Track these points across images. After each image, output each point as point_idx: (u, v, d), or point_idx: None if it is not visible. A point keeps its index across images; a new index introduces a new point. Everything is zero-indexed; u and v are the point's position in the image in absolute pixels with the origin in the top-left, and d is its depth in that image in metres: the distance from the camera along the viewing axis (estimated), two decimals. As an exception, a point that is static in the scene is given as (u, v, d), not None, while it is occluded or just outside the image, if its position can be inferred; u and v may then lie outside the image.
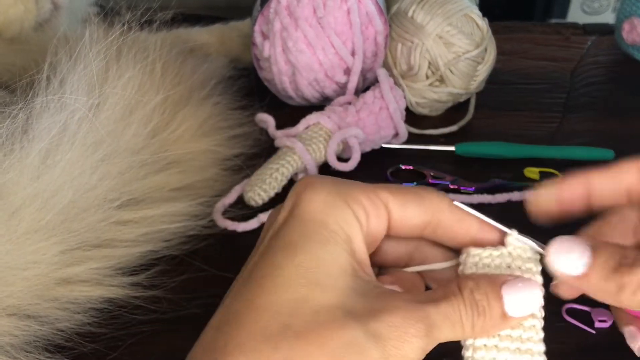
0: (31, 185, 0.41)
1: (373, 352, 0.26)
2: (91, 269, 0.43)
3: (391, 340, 0.26)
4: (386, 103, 0.55)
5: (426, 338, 0.27)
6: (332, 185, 0.30)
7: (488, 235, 0.31)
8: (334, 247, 0.28)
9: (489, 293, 0.28)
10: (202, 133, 0.54)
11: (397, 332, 0.26)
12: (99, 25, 0.51)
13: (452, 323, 0.28)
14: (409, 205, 0.30)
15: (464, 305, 0.28)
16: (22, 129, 0.43)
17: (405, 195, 0.31)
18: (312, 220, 0.28)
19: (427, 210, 0.31)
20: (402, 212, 0.30)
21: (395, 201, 0.30)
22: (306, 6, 0.57)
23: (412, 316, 0.27)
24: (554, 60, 0.71)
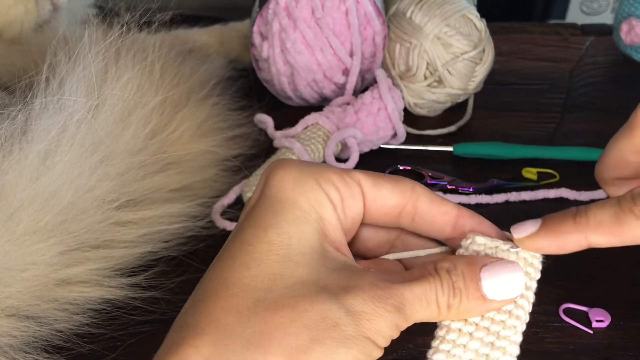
0: (30, 187, 0.41)
1: (347, 326, 0.26)
2: (90, 270, 0.43)
3: (365, 314, 0.26)
4: (384, 103, 0.55)
5: (398, 314, 0.27)
6: (303, 166, 0.29)
7: (467, 222, 0.31)
8: (305, 225, 0.28)
9: (466, 274, 0.28)
10: (201, 134, 0.54)
11: (370, 308, 0.26)
12: (98, 27, 0.51)
13: (427, 302, 0.28)
14: (383, 185, 0.30)
15: (440, 285, 0.28)
16: (21, 130, 0.43)
17: (379, 177, 0.30)
18: (283, 199, 0.28)
19: (402, 193, 0.30)
20: (376, 192, 0.30)
21: (368, 181, 0.30)
22: (304, 7, 0.57)
23: (384, 293, 0.27)
24: (553, 61, 0.71)
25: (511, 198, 0.53)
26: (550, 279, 0.46)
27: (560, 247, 0.30)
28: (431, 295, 0.28)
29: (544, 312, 0.44)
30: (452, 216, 0.31)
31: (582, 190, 0.53)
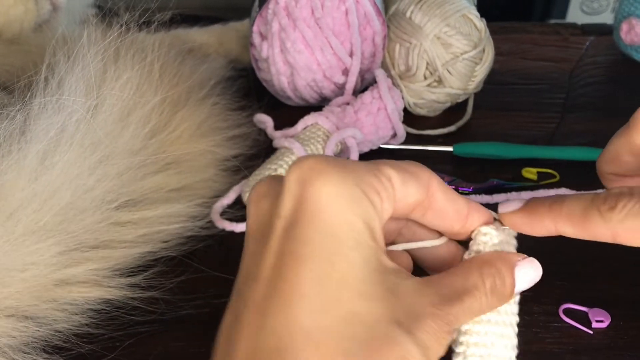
0: (29, 187, 0.41)
1: (408, 344, 0.26)
2: (89, 270, 0.43)
3: (434, 347, 0.27)
4: (384, 103, 0.55)
5: (448, 330, 0.27)
6: (342, 172, 0.26)
7: (476, 221, 0.32)
8: (366, 250, 0.26)
9: (506, 277, 0.30)
10: (201, 134, 0.54)
11: (436, 338, 0.27)
12: (97, 26, 0.51)
13: (473, 314, 0.29)
14: (409, 183, 0.29)
15: (486, 294, 0.29)
16: (20, 130, 0.43)
17: (405, 172, 0.29)
18: (338, 221, 0.26)
19: (423, 189, 0.30)
20: (404, 190, 0.29)
21: (398, 178, 0.28)
22: (304, 7, 0.57)
23: (445, 317, 0.27)
24: (553, 61, 0.71)
25: (511, 198, 0.52)
26: (550, 279, 0.46)
27: (532, 229, 0.31)
28: (479, 307, 0.29)
29: (544, 313, 0.44)
30: (464, 215, 0.31)
31: (582, 190, 0.53)
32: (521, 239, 0.32)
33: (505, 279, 0.30)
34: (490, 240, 0.31)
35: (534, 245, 0.48)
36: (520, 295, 0.32)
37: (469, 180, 0.54)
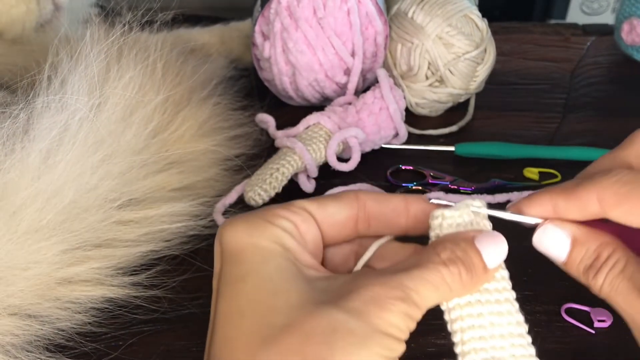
0: (32, 185, 0.41)
1: (360, 327, 0.26)
2: (92, 268, 0.43)
3: (371, 312, 0.26)
4: (386, 103, 0.55)
5: (405, 304, 0.27)
6: (247, 215, 0.30)
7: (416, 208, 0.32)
8: (276, 259, 0.28)
9: (468, 249, 0.29)
10: (203, 133, 0.54)
11: (375, 303, 0.26)
12: (99, 26, 0.51)
13: (436, 286, 0.28)
14: (327, 204, 0.31)
15: (446, 266, 0.28)
16: (23, 129, 0.43)
17: (322, 198, 0.32)
18: (243, 248, 0.29)
19: (349, 205, 0.32)
20: (323, 211, 0.31)
21: (312, 204, 0.31)
22: (306, 7, 0.57)
23: (385, 285, 0.27)
24: (554, 61, 0.71)
25: (513, 198, 0.53)
26: (552, 279, 0.46)
27: (529, 207, 0.32)
28: (439, 278, 0.28)
29: (546, 312, 0.44)
30: (401, 208, 0.32)
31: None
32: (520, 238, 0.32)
33: (467, 250, 0.29)
34: (444, 222, 0.31)
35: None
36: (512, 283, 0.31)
37: (470, 180, 0.54)
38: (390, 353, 0.26)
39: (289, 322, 0.26)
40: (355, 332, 0.26)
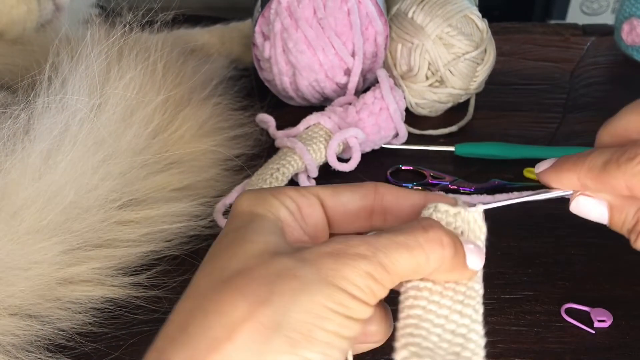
0: (33, 186, 0.41)
1: (307, 274, 0.26)
2: (92, 269, 0.43)
3: (325, 262, 0.26)
4: (386, 104, 0.55)
5: (367, 262, 0.26)
6: (260, 189, 0.31)
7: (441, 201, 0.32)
8: (263, 221, 0.29)
9: (456, 240, 0.29)
10: (203, 133, 0.54)
11: (331, 256, 0.26)
12: (100, 26, 0.51)
13: (410, 250, 0.27)
14: (342, 192, 0.31)
15: (429, 239, 0.28)
16: (24, 129, 0.43)
17: (339, 186, 0.32)
18: (243, 212, 0.30)
19: (364, 196, 0.31)
20: (335, 199, 0.31)
21: (326, 191, 0.31)
22: (307, 7, 0.57)
23: (348, 243, 0.27)
24: (554, 61, 0.71)
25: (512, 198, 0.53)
26: (552, 278, 0.46)
27: (559, 183, 0.32)
28: (415, 243, 0.27)
29: (546, 312, 0.44)
30: (420, 206, 0.32)
31: (584, 190, 0.53)
32: (520, 239, 0.32)
33: (454, 239, 0.29)
34: (435, 214, 0.30)
35: (535, 245, 0.48)
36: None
37: (470, 180, 0.54)
38: (341, 309, 0.26)
39: (243, 267, 0.27)
40: (300, 278, 0.26)
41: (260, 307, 0.25)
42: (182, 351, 0.25)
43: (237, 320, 0.25)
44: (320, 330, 0.25)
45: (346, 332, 0.26)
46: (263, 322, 0.25)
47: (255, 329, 0.25)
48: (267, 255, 0.27)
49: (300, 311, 0.25)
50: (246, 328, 0.25)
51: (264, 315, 0.25)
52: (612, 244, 0.49)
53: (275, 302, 0.25)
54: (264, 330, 0.25)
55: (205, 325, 0.25)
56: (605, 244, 0.48)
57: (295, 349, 0.25)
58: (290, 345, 0.25)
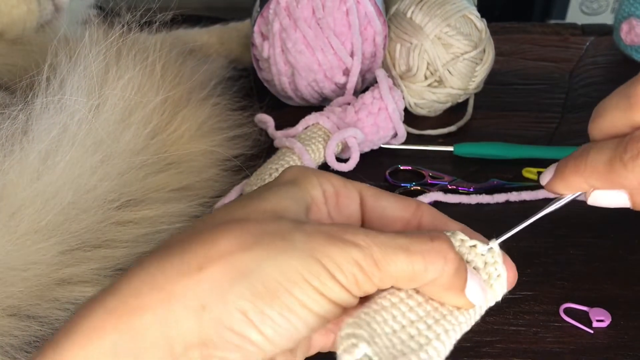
0: (31, 186, 0.41)
1: (296, 241, 0.26)
2: (91, 269, 0.43)
3: (315, 238, 0.26)
4: (385, 104, 0.55)
5: (357, 250, 0.26)
6: (309, 167, 0.32)
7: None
8: (290, 189, 0.29)
9: (461, 261, 0.28)
10: (202, 134, 0.54)
11: (325, 234, 0.26)
12: (98, 27, 0.51)
13: (409, 256, 0.27)
14: (383, 197, 0.31)
15: (432, 249, 0.27)
16: (22, 130, 0.43)
17: (382, 191, 0.32)
18: (281, 179, 0.31)
19: (404, 208, 0.31)
20: (375, 201, 0.31)
21: (369, 190, 0.31)
22: (305, 7, 0.57)
23: (347, 230, 0.27)
24: (553, 61, 0.71)
25: (511, 198, 0.53)
26: (551, 278, 0.46)
27: (567, 189, 0.31)
28: (415, 248, 0.27)
29: (545, 312, 0.44)
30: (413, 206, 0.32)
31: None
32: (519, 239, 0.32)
33: (460, 264, 0.28)
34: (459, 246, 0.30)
35: (535, 244, 0.48)
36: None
37: (469, 180, 0.54)
38: (315, 282, 0.26)
39: (244, 216, 0.27)
40: (288, 241, 0.26)
41: (240, 251, 0.26)
42: (158, 267, 0.26)
43: (214, 256, 0.26)
44: (285, 292, 0.25)
45: (314, 306, 0.26)
46: (236, 265, 0.25)
47: (226, 269, 0.25)
48: (272, 214, 0.27)
49: (274, 268, 0.25)
50: (219, 264, 0.25)
51: (240, 259, 0.26)
52: (610, 244, 0.49)
53: (255, 252, 0.26)
54: (233, 273, 0.25)
55: (185, 250, 0.26)
56: (604, 244, 0.48)
57: (255, 299, 0.25)
58: (252, 294, 0.25)
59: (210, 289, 0.25)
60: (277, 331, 0.26)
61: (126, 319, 0.25)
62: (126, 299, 0.26)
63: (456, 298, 0.29)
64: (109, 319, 0.25)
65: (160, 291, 0.25)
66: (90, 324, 0.25)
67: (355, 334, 0.25)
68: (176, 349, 0.25)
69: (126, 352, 0.25)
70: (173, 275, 0.26)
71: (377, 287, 0.27)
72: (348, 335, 0.25)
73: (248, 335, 0.25)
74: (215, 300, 0.25)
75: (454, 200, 0.53)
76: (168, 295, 0.25)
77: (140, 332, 0.25)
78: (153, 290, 0.26)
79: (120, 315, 0.25)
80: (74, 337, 0.25)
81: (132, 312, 0.25)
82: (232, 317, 0.25)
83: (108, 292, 0.26)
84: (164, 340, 0.25)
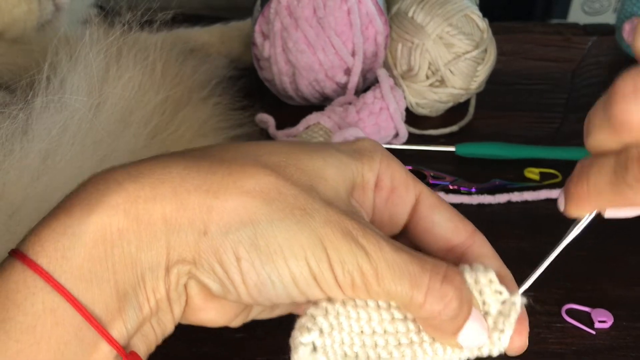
0: (31, 186, 0.41)
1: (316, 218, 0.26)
2: (91, 269, 0.42)
3: (334, 231, 0.26)
4: (386, 103, 0.55)
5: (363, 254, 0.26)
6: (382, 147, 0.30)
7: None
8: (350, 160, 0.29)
9: (461, 315, 0.27)
10: (203, 133, 0.54)
11: (345, 234, 0.26)
12: (99, 26, 0.51)
13: (412, 283, 0.26)
14: (439, 212, 0.30)
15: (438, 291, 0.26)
16: (22, 129, 0.43)
17: (443, 204, 0.30)
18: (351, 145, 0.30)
19: (457, 230, 0.30)
20: (429, 212, 0.30)
21: (428, 199, 0.30)
22: (306, 6, 0.57)
23: (368, 235, 0.26)
24: (555, 61, 0.71)
25: (513, 198, 0.53)
26: (553, 279, 0.46)
27: (582, 212, 0.30)
28: (420, 280, 0.26)
29: (547, 313, 0.43)
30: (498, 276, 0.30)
31: (585, 190, 0.53)
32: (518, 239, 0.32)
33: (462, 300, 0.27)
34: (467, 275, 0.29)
35: (535, 245, 0.48)
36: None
37: (471, 181, 0.54)
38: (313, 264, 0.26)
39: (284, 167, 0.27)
40: (307, 215, 0.26)
41: (259, 198, 0.26)
42: (180, 172, 0.26)
43: (234, 191, 0.26)
44: (282, 258, 0.25)
45: (302, 284, 0.26)
46: (250, 210, 0.25)
47: (239, 208, 0.25)
48: (308, 180, 0.27)
49: (282, 232, 0.25)
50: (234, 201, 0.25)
51: (256, 207, 0.25)
52: (613, 244, 0.49)
53: (272, 207, 0.26)
54: (244, 216, 0.25)
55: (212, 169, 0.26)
56: (606, 245, 0.48)
57: (251, 250, 0.25)
58: (251, 245, 0.25)
59: (217, 219, 0.25)
60: (258, 287, 0.26)
61: (142, 203, 0.25)
62: (143, 185, 0.26)
63: (443, 338, 0.28)
64: (124, 201, 0.25)
65: (174, 195, 0.25)
66: (106, 200, 0.25)
67: (316, 320, 0.26)
68: (172, 256, 0.26)
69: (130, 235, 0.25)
70: (191, 188, 0.26)
71: (370, 297, 0.27)
72: (310, 316, 0.26)
73: (232, 276, 0.26)
74: (217, 232, 0.25)
75: (455, 200, 0.52)
76: (180, 203, 0.25)
77: (147, 221, 0.25)
78: (167, 189, 0.26)
79: (136, 200, 0.25)
80: (91, 206, 0.25)
81: (146, 200, 0.25)
82: (224, 255, 0.25)
83: (128, 173, 0.26)
84: (165, 241, 0.26)
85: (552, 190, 0.53)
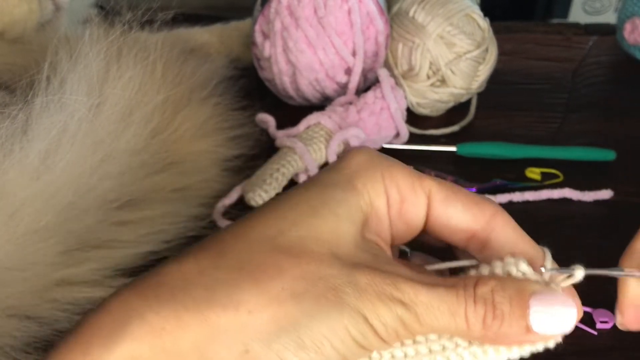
0: (31, 186, 0.41)
1: (347, 295, 0.25)
2: (91, 269, 0.42)
3: (367, 293, 0.25)
4: (387, 103, 0.55)
5: (404, 309, 0.26)
6: (377, 156, 0.29)
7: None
8: (352, 200, 0.28)
9: (514, 299, 0.27)
10: (203, 133, 0.54)
11: (374, 290, 0.25)
12: (99, 25, 0.50)
13: (451, 313, 0.26)
14: (454, 204, 0.29)
15: (474, 301, 0.26)
16: (22, 129, 0.43)
17: (454, 193, 0.29)
18: (344, 174, 0.28)
19: (475, 218, 0.29)
20: (444, 208, 0.29)
21: (439, 194, 0.29)
22: (307, 6, 0.57)
23: (391, 283, 0.26)
24: (556, 61, 0.71)
25: (515, 198, 0.52)
26: (554, 279, 0.46)
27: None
28: (458, 308, 0.26)
29: (548, 313, 0.43)
30: (531, 259, 0.29)
31: (586, 190, 0.53)
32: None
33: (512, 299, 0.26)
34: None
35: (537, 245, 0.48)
36: None
37: (472, 181, 0.54)
38: (359, 338, 0.25)
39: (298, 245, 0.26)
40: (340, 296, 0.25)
41: (291, 299, 0.25)
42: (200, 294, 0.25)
43: (263, 302, 0.25)
44: (329, 346, 0.25)
45: (350, 356, 0.26)
46: (287, 315, 0.25)
47: (275, 317, 0.25)
48: (328, 248, 0.26)
49: (323, 325, 0.25)
50: (268, 311, 0.25)
51: (291, 311, 0.25)
52: (614, 244, 0.48)
53: (305, 303, 0.25)
54: (282, 322, 0.25)
55: (234, 285, 0.25)
56: (607, 245, 0.48)
57: (298, 351, 0.25)
58: (297, 347, 0.25)
59: (256, 334, 0.25)
60: None
61: (167, 336, 0.24)
62: (167, 316, 0.24)
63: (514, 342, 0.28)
64: (147, 335, 0.24)
65: (203, 321, 0.24)
66: (127, 332, 0.24)
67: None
68: None
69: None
70: (219, 310, 0.25)
71: (415, 336, 0.27)
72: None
73: None
74: (260, 347, 0.25)
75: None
76: (211, 329, 0.24)
77: (177, 352, 0.24)
78: (194, 317, 0.24)
79: (161, 333, 0.24)
80: (107, 341, 0.24)
81: (172, 331, 0.24)
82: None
83: (146, 298, 0.25)
84: None
85: (553, 190, 0.53)
